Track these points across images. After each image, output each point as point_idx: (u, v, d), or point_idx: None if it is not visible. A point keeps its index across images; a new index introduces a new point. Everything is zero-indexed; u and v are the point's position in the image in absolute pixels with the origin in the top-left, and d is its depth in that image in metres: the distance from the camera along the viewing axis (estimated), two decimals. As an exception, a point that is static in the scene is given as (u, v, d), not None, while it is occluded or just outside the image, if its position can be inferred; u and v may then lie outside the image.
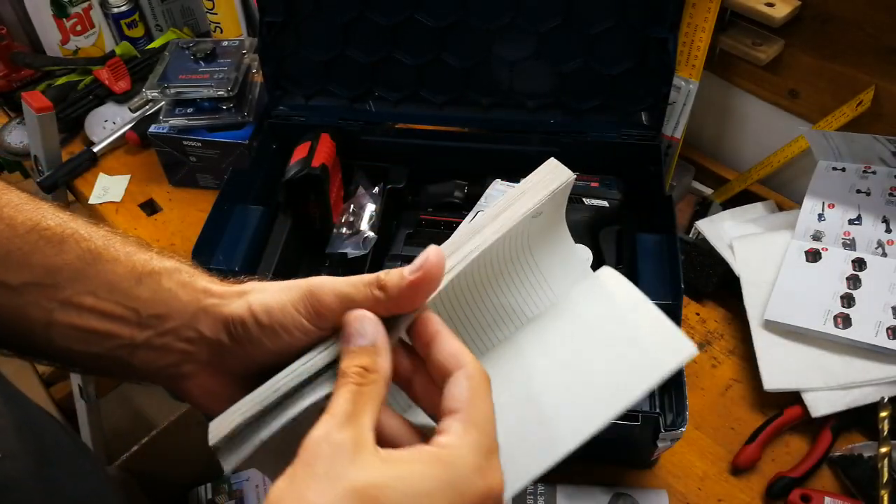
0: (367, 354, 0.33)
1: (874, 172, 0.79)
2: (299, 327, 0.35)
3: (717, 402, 0.76)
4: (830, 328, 0.72)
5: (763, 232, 0.84)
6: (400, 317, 0.35)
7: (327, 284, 0.35)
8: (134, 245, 0.39)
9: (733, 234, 0.85)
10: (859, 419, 0.72)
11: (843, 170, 0.80)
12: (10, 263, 0.37)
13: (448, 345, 0.34)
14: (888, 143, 0.76)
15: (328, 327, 0.35)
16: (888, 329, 0.71)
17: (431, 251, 0.34)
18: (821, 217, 0.80)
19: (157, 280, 0.38)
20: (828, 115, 0.82)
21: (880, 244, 0.76)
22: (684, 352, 0.39)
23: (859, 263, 0.76)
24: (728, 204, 0.93)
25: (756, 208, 0.89)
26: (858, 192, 0.79)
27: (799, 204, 0.82)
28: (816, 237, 0.79)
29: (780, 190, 0.93)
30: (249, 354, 0.36)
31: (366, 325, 0.34)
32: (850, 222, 0.78)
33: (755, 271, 0.80)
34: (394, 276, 0.34)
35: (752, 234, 0.84)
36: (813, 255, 0.78)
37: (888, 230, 0.76)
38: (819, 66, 0.82)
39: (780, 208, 0.90)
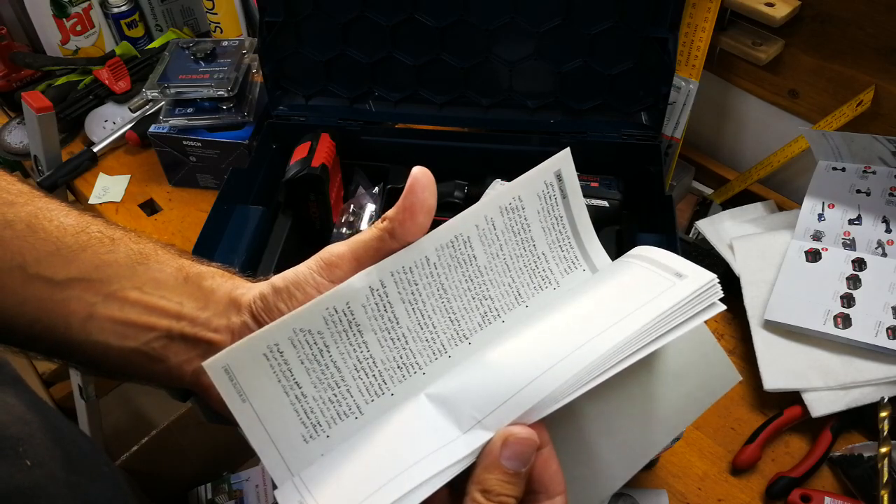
0: (518, 483, 0.33)
1: (874, 172, 0.79)
2: (311, 282, 0.36)
3: (718, 402, 0.75)
4: (830, 328, 0.72)
5: (763, 232, 0.84)
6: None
7: (340, 242, 0.37)
8: (178, 252, 0.41)
9: (733, 234, 0.85)
10: (859, 419, 0.72)
11: (843, 170, 0.80)
12: (58, 260, 0.38)
13: (555, 463, 0.34)
14: (888, 143, 0.76)
15: (339, 278, 0.36)
16: (888, 329, 0.71)
17: (416, 171, 0.36)
18: (821, 217, 0.80)
19: (200, 279, 0.39)
20: (828, 115, 0.82)
21: (880, 244, 0.76)
22: (733, 380, 0.40)
23: (859, 263, 0.76)
24: (728, 204, 0.93)
25: (756, 208, 0.89)
26: (858, 192, 0.79)
27: (799, 204, 0.82)
28: (816, 237, 0.79)
29: (780, 190, 0.93)
30: None
31: (528, 451, 0.33)
32: (850, 222, 0.78)
33: (755, 271, 0.80)
34: (394, 207, 0.36)
35: (752, 234, 0.84)
36: (813, 255, 0.78)
37: (888, 230, 0.76)
38: (819, 66, 0.82)
39: (780, 208, 0.90)
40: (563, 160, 0.39)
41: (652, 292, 0.35)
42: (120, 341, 0.38)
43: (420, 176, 0.36)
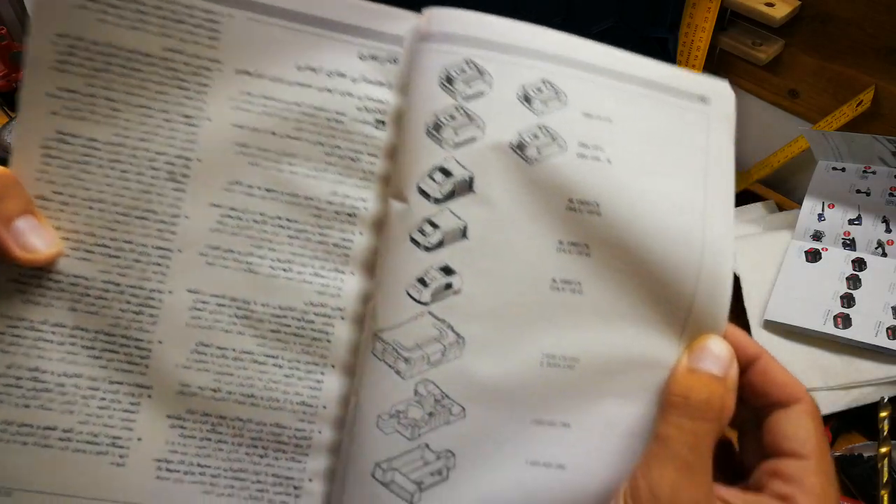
0: (719, 385, 0.28)
1: (874, 172, 0.79)
2: None
3: (717, 402, 0.76)
4: (830, 328, 0.72)
5: (763, 232, 0.84)
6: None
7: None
8: None
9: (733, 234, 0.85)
10: (859, 419, 0.72)
11: (843, 170, 0.80)
12: None
13: (779, 374, 0.30)
14: (888, 143, 0.76)
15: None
16: (888, 329, 0.71)
17: None
18: (821, 217, 0.80)
19: None
20: (828, 115, 0.82)
21: (880, 244, 0.76)
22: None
23: (859, 263, 0.76)
24: (728, 204, 0.93)
25: (756, 208, 0.89)
26: (858, 192, 0.79)
27: (799, 204, 0.82)
28: (816, 237, 0.79)
29: (780, 190, 0.93)
30: None
31: (723, 351, 0.29)
32: (850, 222, 0.78)
33: (755, 271, 0.80)
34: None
35: (752, 234, 0.84)
36: (813, 255, 0.78)
37: (888, 230, 0.76)
38: (819, 66, 0.82)
39: (780, 208, 0.90)
40: None
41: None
42: None
43: None
